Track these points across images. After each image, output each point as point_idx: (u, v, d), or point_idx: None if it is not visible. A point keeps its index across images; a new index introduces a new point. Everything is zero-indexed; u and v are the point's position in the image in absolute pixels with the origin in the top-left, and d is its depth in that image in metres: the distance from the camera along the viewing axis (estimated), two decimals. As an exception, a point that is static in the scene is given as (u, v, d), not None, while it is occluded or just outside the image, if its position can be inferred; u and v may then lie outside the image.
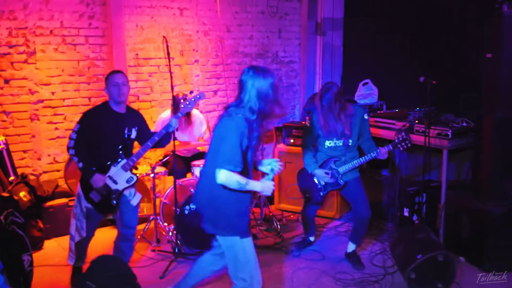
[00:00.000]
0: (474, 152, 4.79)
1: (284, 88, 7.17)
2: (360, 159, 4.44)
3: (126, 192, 4.02)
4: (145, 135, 4.09)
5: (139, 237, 4.95)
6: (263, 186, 3.19)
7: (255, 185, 3.13)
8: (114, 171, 3.91)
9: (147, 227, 5.07)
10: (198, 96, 4.13)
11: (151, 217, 5.04)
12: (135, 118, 4.09)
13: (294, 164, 5.64)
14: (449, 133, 4.77)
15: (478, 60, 4.55)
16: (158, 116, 5.69)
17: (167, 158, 5.28)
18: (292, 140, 5.91)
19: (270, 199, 5.97)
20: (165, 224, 5.01)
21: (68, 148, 3.86)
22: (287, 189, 5.87)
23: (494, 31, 4.31)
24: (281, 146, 6.02)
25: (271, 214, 5.60)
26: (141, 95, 5.92)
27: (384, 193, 5.67)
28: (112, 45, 5.56)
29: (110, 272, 2.20)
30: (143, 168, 5.24)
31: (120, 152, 3.91)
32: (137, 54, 5.83)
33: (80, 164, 3.84)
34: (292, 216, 5.82)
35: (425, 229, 4.45)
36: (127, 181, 3.95)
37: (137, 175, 4.98)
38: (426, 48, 5.85)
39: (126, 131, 3.96)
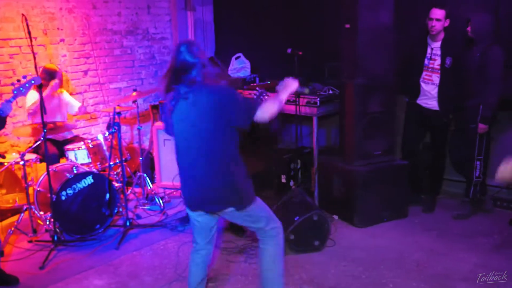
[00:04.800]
0: (339, 117, 5.15)
1: (158, 65, 7.07)
2: None
3: None
4: None
5: (13, 229, 4.67)
6: (288, 88, 3.24)
7: (283, 95, 3.21)
8: None
9: (21, 218, 4.79)
10: (32, 81, 3.91)
11: (25, 207, 4.77)
12: None
13: (173, 142, 5.62)
14: (317, 101, 5.08)
15: (338, 30, 4.85)
16: (25, 100, 5.33)
17: (37, 143, 5.01)
18: (169, 117, 5.88)
19: (151, 178, 5.94)
20: (41, 213, 4.78)
21: None
22: (167, 167, 5.86)
23: (350, 3, 4.63)
24: (158, 123, 5.97)
25: (153, 192, 5.59)
26: (2, 78, 5.51)
27: (262, 163, 5.88)
28: (-36, 25, 5.10)
29: None
30: (11, 156, 4.93)
31: None
32: (-6, 35, 5.40)
33: None
34: (174, 192, 5.84)
35: (301, 192, 4.74)
36: None
37: (5, 163, 4.72)
38: (293, 21, 6.11)
39: None
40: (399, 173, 4.95)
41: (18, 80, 3.91)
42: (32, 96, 5.13)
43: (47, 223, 4.69)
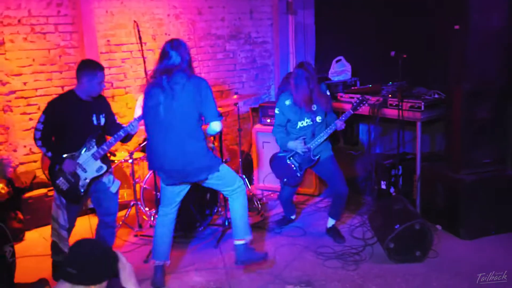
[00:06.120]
0: (445, 123, 4.91)
1: (259, 69, 7.19)
2: (326, 130, 4.53)
3: (105, 179, 4.01)
4: (111, 123, 4.05)
5: (120, 223, 4.97)
6: None
7: None
8: (84, 159, 3.86)
9: (128, 213, 5.09)
10: None
11: (132, 203, 5.06)
12: (102, 104, 4.03)
13: (272, 144, 5.68)
14: (421, 105, 4.86)
15: (445, 32, 4.62)
16: (137, 102, 5.63)
17: (145, 142, 5.26)
18: (268, 120, 5.95)
19: (249, 179, 6.02)
20: (146, 209, 5.03)
21: (35, 140, 3.79)
22: (265, 169, 5.91)
23: (460, 4, 4.39)
24: (258, 126, 6.06)
25: (251, 194, 5.67)
26: (115, 81, 5.88)
27: (361, 168, 5.76)
28: (83, 32, 5.50)
29: (89, 255, 2.22)
30: (121, 155, 5.24)
31: (92, 140, 3.87)
32: (108, 41, 5.77)
33: (49, 154, 3.81)
34: (272, 194, 5.88)
35: (402, 200, 4.58)
36: (97, 170, 3.90)
37: (115, 161, 5.03)
38: (395, 23, 5.91)
39: (94, 119, 3.90)
40: (510, 183, 4.61)
41: None
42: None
43: (152, 219, 4.92)
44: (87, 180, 3.88)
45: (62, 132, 3.84)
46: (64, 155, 3.83)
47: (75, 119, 3.82)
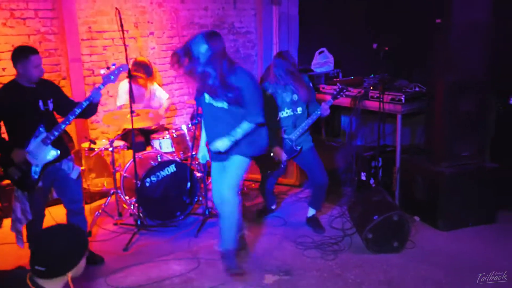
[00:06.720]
0: (426, 116, 4.96)
1: (242, 59, 7.16)
2: (307, 120, 4.55)
3: (64, 166, 3.93)
4: (64, 106, 3.95)
5: (100, 211, 4.94)
6: None
7: None
8: (34, 145, 3.76)
9: (108, 201, 5.05)
10: (120, 68, 4.07)
11: (112, 191, 5.03)
12: (49, 89, 3.95)
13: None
14: (402, 98, 4.91)
15: (428, 25, 4.65)
16: (118, 88, 5.59)
17: (125, 131, 5.24)
18: (250, 110, 5.93)
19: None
20: (127, 197, 5.00)
21: None
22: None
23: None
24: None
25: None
26: (96, 69, 5.82)
27: (341, 159, 5.80)
28: (63, 18, 5.42)
29: (52, 247, 2.12)
30: (101, 143, 5.19)
31: (41, 126, 3.77)
32: (90, 27, 5.70)
33: None
34: (253, 185, 5.90)
35: (381, 191, 4.62)
36: (49, 156, 3.80)
37: (95, 149, 4.98)
38: (379, 15, 5.94)
39: (41, 104, 3.81)
40: (488, 176, 4.69)
41: (108, 68, 4.09)
42: (124, 91, 5.35)
43: (132, 207, 4.89)
44: (39, 167, 3.79)
45: (11, 123, 3.77)
46: (12, 145, 3.73)
47: (21, 107, 3.74)
